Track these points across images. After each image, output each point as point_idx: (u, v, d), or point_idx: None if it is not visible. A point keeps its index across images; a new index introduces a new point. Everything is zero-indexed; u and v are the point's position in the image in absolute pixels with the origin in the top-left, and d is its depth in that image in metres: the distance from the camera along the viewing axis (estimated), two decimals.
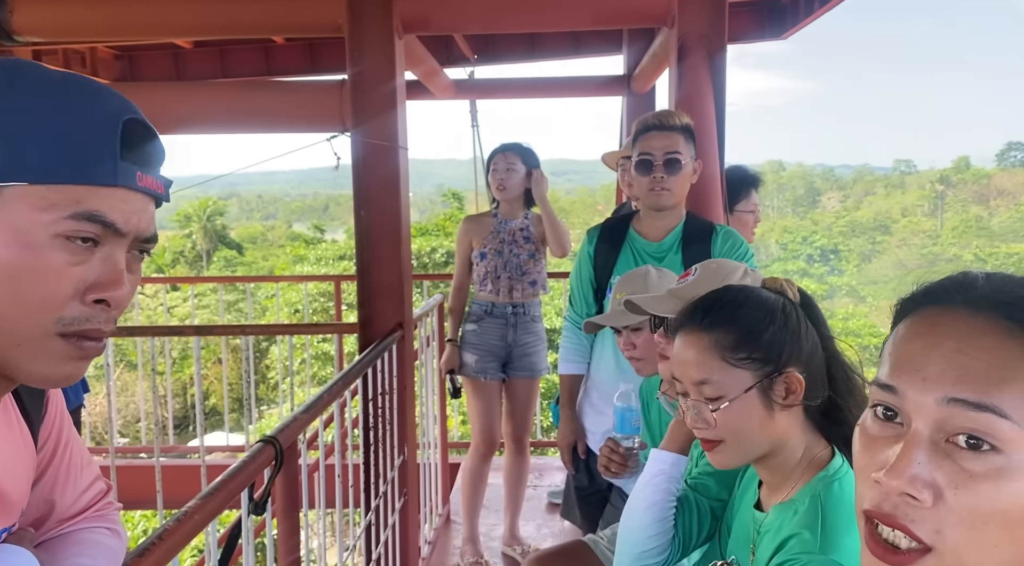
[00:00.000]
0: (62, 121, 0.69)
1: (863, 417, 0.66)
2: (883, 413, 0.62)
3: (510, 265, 3.32)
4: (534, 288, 3.37)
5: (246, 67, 5.56)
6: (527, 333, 3.38)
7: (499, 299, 3.33)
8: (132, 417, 16.37)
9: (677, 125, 2.27)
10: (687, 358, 1.20)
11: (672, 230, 2.33)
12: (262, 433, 1.81)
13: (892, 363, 0.63)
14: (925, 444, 0.58)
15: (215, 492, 1.38)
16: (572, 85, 5.53)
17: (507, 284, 3.31)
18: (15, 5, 2.99)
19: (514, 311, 3.34)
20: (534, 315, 3.40)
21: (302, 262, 25.72)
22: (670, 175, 2.23)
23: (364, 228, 2.99)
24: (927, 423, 0.58)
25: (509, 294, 3.31)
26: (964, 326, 0.60)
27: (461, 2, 3.07)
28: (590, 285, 2.41)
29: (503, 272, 3.31)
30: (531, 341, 3.38)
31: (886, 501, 0.59)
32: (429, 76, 4.37)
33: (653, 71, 4.31)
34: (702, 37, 2.93)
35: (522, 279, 3.33)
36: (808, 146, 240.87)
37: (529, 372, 3.39)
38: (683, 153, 2.24)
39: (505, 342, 3.35)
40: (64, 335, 0.71)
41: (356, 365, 2.48)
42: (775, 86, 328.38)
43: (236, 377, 15.02)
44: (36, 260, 0.68)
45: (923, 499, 0.57)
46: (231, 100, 3.34)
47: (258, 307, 18.33)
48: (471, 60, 5.37)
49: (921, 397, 0.59)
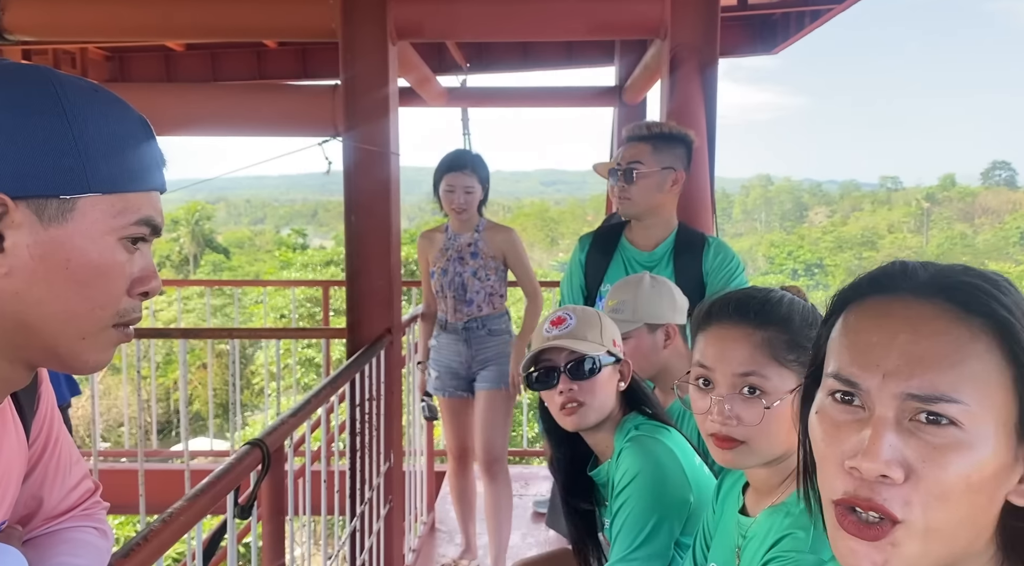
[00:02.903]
0: (118, 132, 0.75)
1: (819, 405, 0.68)
2: (842, 398, 0.66)
3: (453, 284, 3.15)
4: (470, 308, 3.15)
5: (238, 70, 5.55)
6: (483, 348, 3.19)
7: (451, 316, 3.19)
8: (115, 421, 16.21)
9: (645, 135, 2.29)
10: (732, 351, 1.14)
11: (664, 240, 2.34)
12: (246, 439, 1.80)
13: (850, 356, 0.66)
14: (892, 426, 0.62)
15: (201, 494, 1.37)
16: (564, 95, 5.56)
17: (451, 303, 3.17)
18: (7, 4, 2.98)
19: (466, 326, 3.17)
20: (492, 329, 3.20)
21: (289, 267, 25.63)
22: (628, 184, 2.26)
23: (354, 233, 2.99)
24: (890, 408, 0.62)
25: (454, 313, 3.17)
26: (915, 314, 0.64)
27: (455, 9, 3.08)
28: (580, 292, 2.42)
29: (448, 291, 3.17)
30: (489, 356, 3.18)
31: (863, 486, 0.62)
32: (422, 83, 4.38)
33: (645, 82, 4.34)
34: (694, 49, 2.96)
35: (463, 298, 3.15)
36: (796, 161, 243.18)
37: (489, 383, 3.16)
38: (645, 162, 2.25)
39: (461, 358, 3.20)
40: (116, 326, 0.78)
41: (344, 370, 2.47)
42: (765, 101, 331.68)
43: (220, 382, 14.91)
44: (108, 263, 0.75)
45: (896, 477, 0.61)
46: (223, 102, 3.33)
47: (245, 312, 18.22)
48: (464, 68, 5.39)
49: (882, 392, 0.63)
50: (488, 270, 3.15)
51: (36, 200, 0.70)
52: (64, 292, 0.73)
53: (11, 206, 0.69)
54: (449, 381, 3.22)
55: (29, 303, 0.72)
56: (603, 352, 1.60)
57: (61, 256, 0.72)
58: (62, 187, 0.71)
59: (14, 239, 0.70)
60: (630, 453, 1.54)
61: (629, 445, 1.56)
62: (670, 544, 1.48)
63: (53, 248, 0.72)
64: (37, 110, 0.70)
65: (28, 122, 0.70)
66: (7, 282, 0.71)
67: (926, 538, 0.62)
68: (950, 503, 0.61)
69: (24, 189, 0.70)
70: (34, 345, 0.75)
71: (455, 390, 3.24)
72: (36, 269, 0.71)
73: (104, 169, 0.73)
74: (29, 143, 0.69)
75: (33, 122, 0.70)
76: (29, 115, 0.70)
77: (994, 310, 0.62)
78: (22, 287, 0.71)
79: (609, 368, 1.60)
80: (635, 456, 1.53)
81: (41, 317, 0.73)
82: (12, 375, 0.77)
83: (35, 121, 0.70)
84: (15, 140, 0.69)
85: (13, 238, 0.70)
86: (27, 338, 0.74)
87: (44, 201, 0.71)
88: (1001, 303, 0.63)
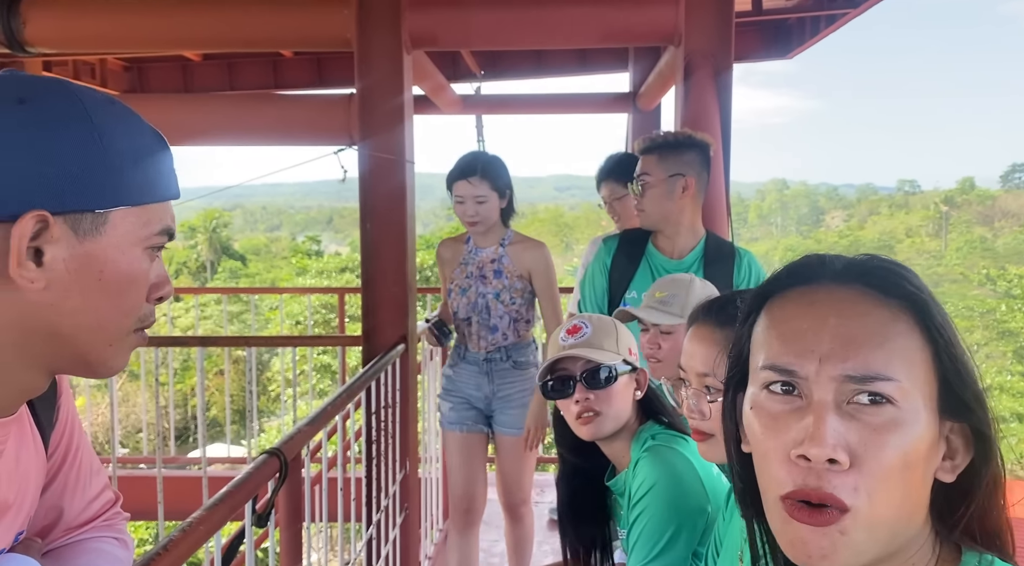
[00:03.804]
0: (140, 144, 0.77)
1: (753, 400, 0.68)
2: (781, 388, 0.66)
3: (476, 307, 2.78)
4: (494, 335, 2.78)
5: (254, 80, 5.60)
6: (507, 382, 2.80)
7: (468, 345, 2.85)
8: (132, 428, 16.34)
9: (650, 146, 2.30)
10: (695, 350, 1.24)
11: (693, 248, 2.32)
12: (263, 446, 1.81)
13: (783, 345, 0.67)
14: (833, 410, 0.63)
15: (220, 503, 1.38)
16: (578, 102, 5.57)
17: (474, 330, 2.80)
18: (28, 16, 3.02)
19: (488, 358, 2.80)
20: (517, 360, 2.81)
21: (304, 274, 25.77)
22: (639, 196, 2.28)
23: (370, 240, 3.01)
24: (829, 392, 0.64)
25: (476, 341, 2.81)
26: (839, 299, 0.66)
27: (470, 18, 3.09)
28: (604, 295, 2.38)
29: (469, 314, 2.80)
30: (513, 392, 2.80)
31: (811, 475, 0.62)
32: (436, 91, 4.41)
33: (659, 88, 4.33)
34: (709, 56, 2.96)
35: (486, 323, 2.78)
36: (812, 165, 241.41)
37: (515, 429, 2.80)
38: (652, 173, 2.26)
39: (481, 393, 2.83)
40: (135, 330, 0.81)
41: (360, 378, 2.48)
42: (780, 105, 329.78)
43: (237, 388, 15.00)
44: (136, 272, 0.78)
45: (843, 461, 0.61)
46: (239, 112, 3.36)
47: (261, 318, 18.34)
48: (478, 75, 5.42)
49: (820, 376, 0.64)
50: (514, 292, 2.76)
51: (72, 215, 0.72)
52: (97, 302, 0.75)
53: (51, 222, 0.71)
54: (465, 413, 2.86)
55: (63, 314, 0.74)
56: (619, 361, 1.60)
57: (95, 268, 0.74)
58: (96, 201, 0.73)
59: (52, 253, 0.72)
60: (647, 463, 1.54)
61: (646, 455, 1.56)
62: (688, 554, 1.47)
63: (88, 260, 0.74)
64: (67, 126, 0.72)
65: (61, 138, 0.71)
66: (44, 295, 0.73)
67: (871, 524, 0.62)
68: (891, 485, 0.62)
69: (62, 205, 0.71)
70: (64, 353, 0.77)
71: (473, 424, 2.86)
72: (71, 282, 0.73)
73: (132, 181, 0.75)
74: (64, 159, 0.71)
75: (65, 138, 0.71)
76: (61, 131, 0.71)
77: (908, 291, 0.66)
78: (58, 299, 0.73)
79: (625, 377, 1.60)
80: (652, 466, 1.53)
81: (74, 327, 0.75)
82: (33, 383, 0.79)
83: (67, 137, 0.71)
84: (50, 157, 0.70)
85: (51, 252, 0.72)
86: (58, 347, 0.76)
87: (80, 216, 0.73)
88: (913, 284, 0.66)
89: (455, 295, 2.82)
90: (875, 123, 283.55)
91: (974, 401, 0.65)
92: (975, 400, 0.65)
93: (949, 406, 0.65)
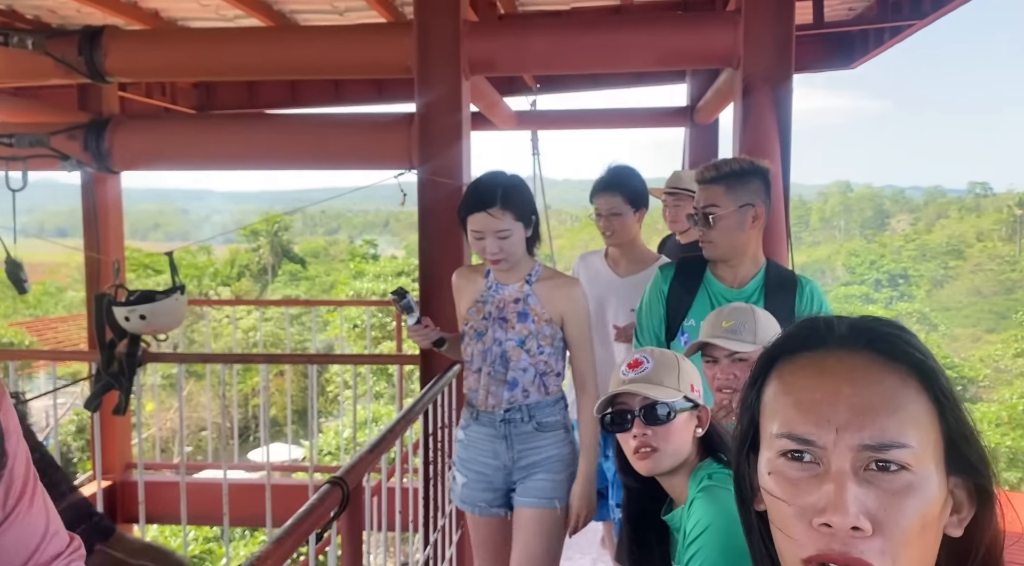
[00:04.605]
0: None
1: (771, 466, 0.70)
2: (793, 455, 0.68)
3: (490, 356, 2.28)
4: (512, 392, 2.27)
5: (316, 96, 5.76)
6: (530, 448, 2.29)
7: (482, 401, 2.33)
8: (196, 426, 16.90)
9: (714, 177, 2.23)
10: None
11: (753, 277, 2.28)
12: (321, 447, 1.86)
13: (798, 414, 0.68)
14: (852, 479, 0.65)
15: (286, 537, 1.44)
16: (634, 116, 5.56)
17: (485, 383, 2.30)
18: (109, 48, 3.18)
19: (506, 418, 2.29)
20: (542, 421, 2.30)
21: (361, 277, 26.23)
22: (707, 229, 2.23)
23: (427, 262, 3.07)
24: (847, 461, 0.66)
25: (487, 396, 2.31)
26: (849, 367, 0.68)
27: (527, 44, 3.13)
28: (662, 323, 2.35)
29: (482, 364, 2.30)
30: (539, 460, 2.29)
31: (835, 541, 0.64)
32: (491, 108, 4.46)
33: (717, 105, 4.31)
34: (767, 78, 2.93)
35: (501, 377, 2.28)
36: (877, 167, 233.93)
37: (535, 498, 2.27)
38: (721, 204, 2.21)
39: (498, 462, 2.32)
40: None
41: (418, 402, 2.54)
42: (843, 105, 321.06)
43: (297, 389, 15.36)
44: None
45: (866, 529, 0.64)
46: (302, 136, 3.46)
47: (320, 321, 18.75)
48: (533, 89, 5.45)
49: (837, 445, 0.66)
50: (542, 339, 2.26)
51: None
52: None
53: None
54: (480, 492, 2.35)
55: None
56: (679, 397, 1.59)
57: None
58: None
59: None
60: (702, 504, 1.55)
61: (701, 495, 1.56)
62: None
63: None
64: None
65: None
66: None
67: None
68: (912, 546, 0.65)
69: None
70: None
71: (488, 506, 2.36)
72: None
73: None
74: None
75: None
76: None
77: (914, 356, 0.68)
78: None
79: (685, 414, 1.60)
80: (707, 507, 1.54)
81: None
82: None
83: None
84: None
85: None
86: None
87: None
88: (916, 349, 0.69)
89: (468, 340, 2.34)
90: (944, 123, 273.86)
91: (979, 461, 0.68)
92: (979, 460, 0.68)
93: (955, 464, 0.68)
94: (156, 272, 22.87)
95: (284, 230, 41.38)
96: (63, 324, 22.68)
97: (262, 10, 3.93)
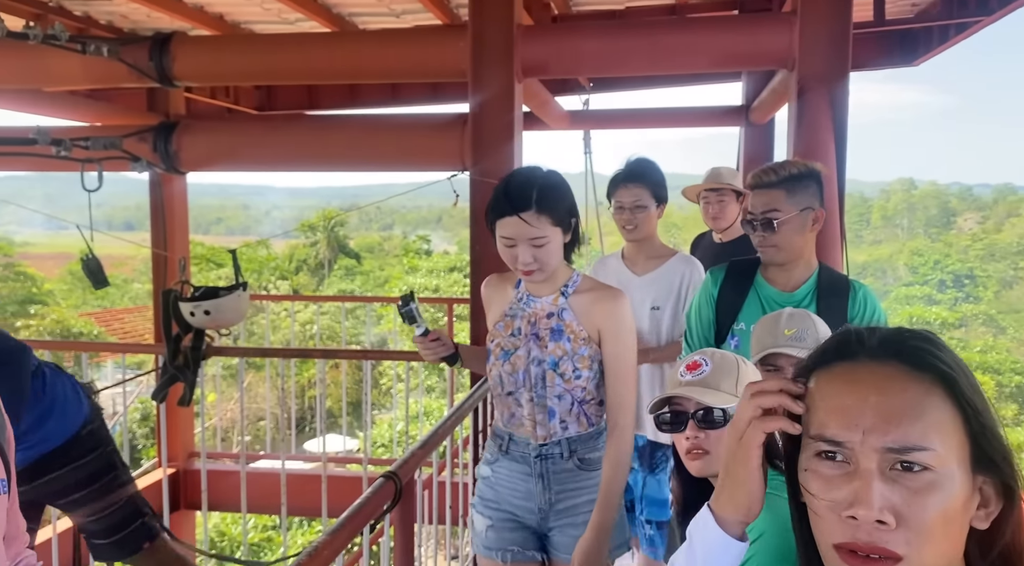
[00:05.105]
0: None
1: (807, 463, 0.80)
2: (827, 455, 0.77)
3: (522, 377, 1.95)
4: (551, 422, 1.95)
5: (374, 97, 5.87)
6: (571, 489, 1.97)
7: (513, 431, 2.01)
8: (255, 416, 17.39)
9: (774, 181, 2.18)
10: None
11: (805, 281, 2.25)
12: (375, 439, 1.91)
13: (830, 419, 0.76)
14: (878, 477, 0.73)
15: (341, 529, 1.51)
16: (688, 115, 5.52)
17: (529, 410, 1.96)
18: (177, 54, 3.32)
19: (542, 454, 1.97)
20: (584, 457, 1.97)
21: (414, 272, 26.54)
22: (768, 233, 2.18)
23: (479, 265, 3.13)
24: (873, 461, 0.73)
25: (524, 428, 1.98)
26: (878, 377, 0.76)
27: (580, 47, 3.16)
28: (711, 327, 2.34)
29: (512, 387, 1.97)
30: (580, 503, 1.96)
31: (860, 531, 0.73)
32: (544, 108, 4.49)
33: (772, 104, 4.26)
34: (823, 79, 2.90)
35: (541, 403, 1.95)
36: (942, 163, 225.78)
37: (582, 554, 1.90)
38: (782, 209, 2.17)
39: (532, 504, 2.00)
40: None
41: (468, 399, 2.60)
42: (908, 99, 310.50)
43: (352, 382, 15.68)
44: None
45: (890, 522, 0.71)
46: (358, 138, 3.56)
47: (374, 315, 19.07)
48: (587, 88, 5.46)
49: (864, 446, 0.74)
50: (578, 361, 1.92)
51: None
52: None
53: None
54: (510, 533, 2.02)
55: None
56: (736, 403, 1.58)
57: None
58: None
59: None
60: None
61: None
62: None
63: None
64: None
65: None
66: None
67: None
68: (935, 537, 0.72)
69: None
70: None
71: (521, 550, 2.02)
72: None
73: None
74: None
75: None
76: None
77: (939, 367, 0.75)
78: None
79: None
80: (761, 515, 1.54)
81: None
82: None
83: None
84: None
85: None
86: None
87: None
88: (942, 360, 0.75)
89: (495, 359, 2.00)
90: (1014, 118, 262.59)
91: (1002, 460, 0.75)
92: (1003, 459, 0.75)
93: (981, 464, 0.74)
94: (217, 266, 23.56)
95: (340, 226, 42.09)
96: (129, 315, 23.55)
97: (322, 13, 4.03)
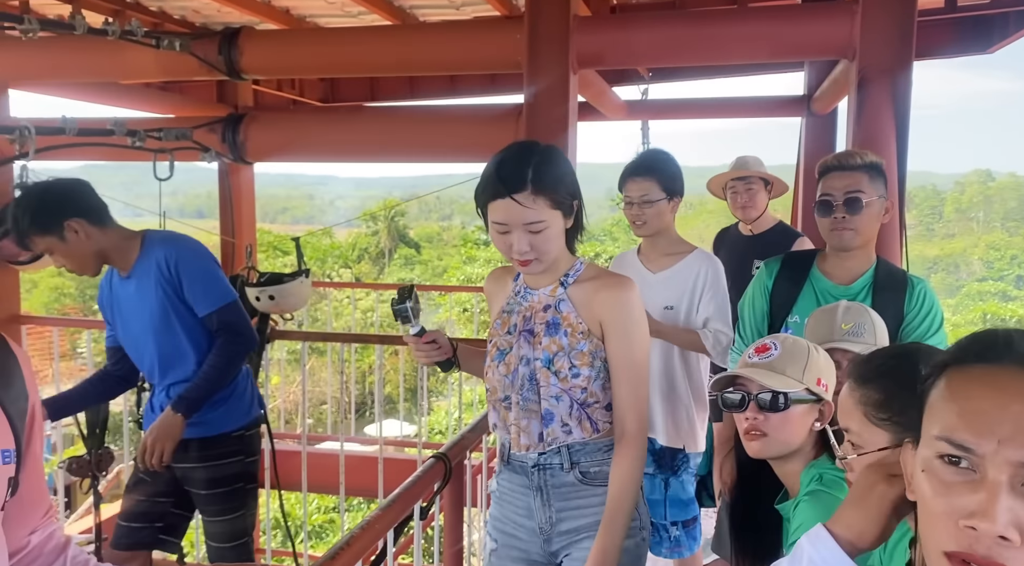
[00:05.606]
0: None
1: (925, 463, 0.73)
2: (950, 459, 0.70)
3: (516, 378, 1.72)
4: (548, 427, 1.70)
5: (433, 88, 5.96)
6: (573, 506, 1.73)
7: (514, 441, 1.76)
8: (317, 400, 17.87)
9: (859, 164, 2.15)
10: (840, 405, 1.26)
11: (863, 274, 2.20)
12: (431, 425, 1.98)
13: (962, 421, 0.70)
14: (1007, 490, 0.67)
15: (393, 504, 1.59)
16: (749, 105, 5.43)
17: (515, 414, 1.73)
18: (244, 48, 3.45)
19: (540, 464, 1.73)
20: (587, 471, 1.72)
21: (472, 262, 26.77)
22: (852, 214, 2.11)
23: None
24: (1005, 473, 0.67)
25: (519, 436, 1.72)
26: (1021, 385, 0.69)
27: (636, 38, 3.15)
28: (764, 319, 2.32)
29: (507, 389, 1.75)
30: (584, 525, 1.71)
31: (979, 544, 0.67)
32: (600, 98, 4.49)
33: (834, 95, 4.17)
34: (885, 70, 2.84)
35: (533, 407, 1.71)
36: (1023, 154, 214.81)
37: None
38: (866, 191, 2.11)
39: (533, 523, 1.76)
40: None
41: None
42: (984, 87, 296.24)
43: (410, 369, 15.95)
44: None
45: (1015, 540, 0.65)
46: (417, 129, 3.64)
47: (432, 304, 19.34)
48: (645, 78, 5.42)
49: (997, 456, 0.67)
50: (577, 357, 1.68)
51: None
52: None
53: None
54: (511, 563, 1.81)
55: None
56: (800, 389, 1.55)
57: None
58: None
59: None
60: (807, 508, 1.51)
61: (807, 499, 1.52)
62: None
63: None
64: None
65: None
66: None
67: None
68: None
69: None
70: None
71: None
72: None
73: None
74: None
75: None
76: None
77: None
78: None
79: (804, 406, 1.56)
80: (811, 513, 1.49)
81: None
82: None
83: None
84: None
85: None
86: None
87: None
88: None
89: (491, 361, 1.78)
90: None
91: None
92: None
93: None
94: (283, 253, 24.18)
95: (401, 215, 42.68)
96: None
97: (384, 6, 4.13)
